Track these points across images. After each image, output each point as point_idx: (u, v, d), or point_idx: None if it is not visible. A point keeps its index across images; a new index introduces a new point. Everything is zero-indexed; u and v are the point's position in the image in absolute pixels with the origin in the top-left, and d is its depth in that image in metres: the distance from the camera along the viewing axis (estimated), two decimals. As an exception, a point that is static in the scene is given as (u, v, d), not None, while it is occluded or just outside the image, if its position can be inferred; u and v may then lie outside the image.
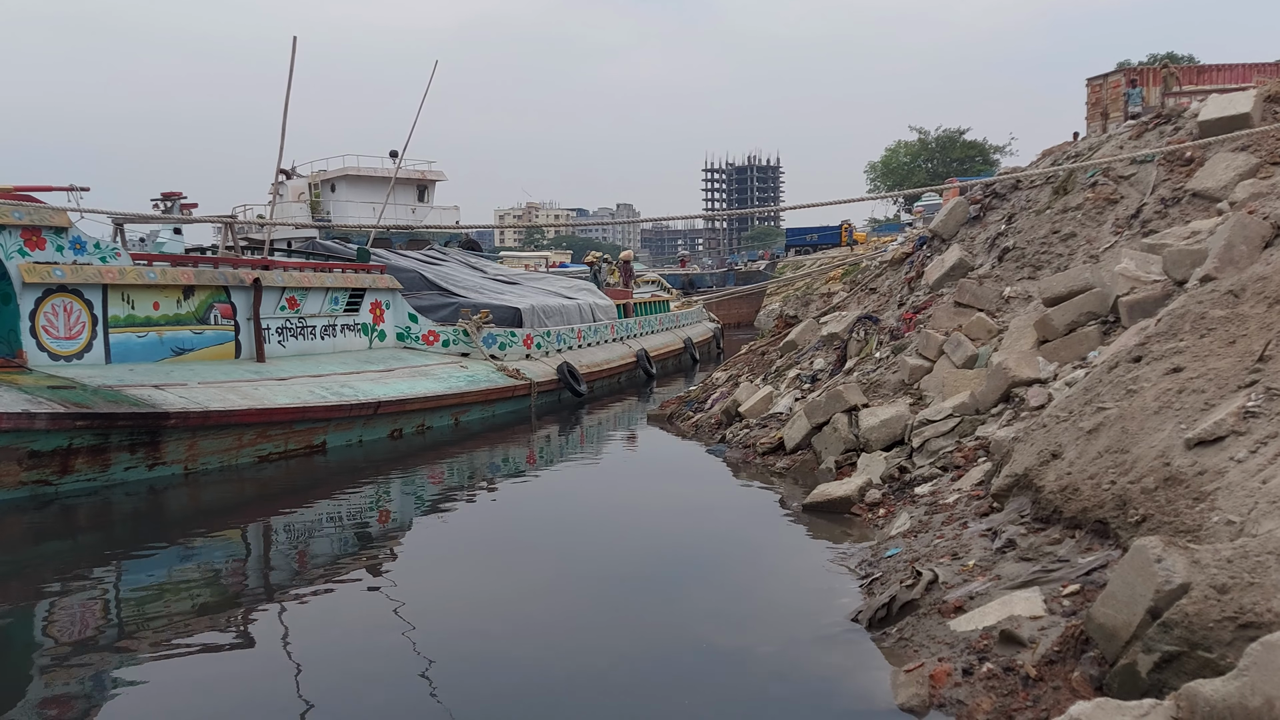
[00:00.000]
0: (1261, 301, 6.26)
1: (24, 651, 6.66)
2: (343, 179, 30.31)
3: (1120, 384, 6.62)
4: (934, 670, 5.02)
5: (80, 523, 10.39)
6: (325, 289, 16.17)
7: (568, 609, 7.15)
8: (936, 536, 7.08)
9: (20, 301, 11.88)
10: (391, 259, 20.34)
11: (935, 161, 74.05)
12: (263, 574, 8.67)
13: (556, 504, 11.27)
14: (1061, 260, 11.58)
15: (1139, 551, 4.20)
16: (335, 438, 14.00)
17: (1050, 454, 6.48)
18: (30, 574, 8.58)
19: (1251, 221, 8.18)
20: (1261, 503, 4.53)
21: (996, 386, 9.25)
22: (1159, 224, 10.81)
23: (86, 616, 7.40)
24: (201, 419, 11.94)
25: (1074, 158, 13.91)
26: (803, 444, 11.31)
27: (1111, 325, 8.99)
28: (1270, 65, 27.08)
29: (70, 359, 12.36)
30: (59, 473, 10.99)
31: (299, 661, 6.30)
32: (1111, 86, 28.29)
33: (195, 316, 13.96)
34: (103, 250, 12.91)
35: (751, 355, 18.57)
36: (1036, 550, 5.86)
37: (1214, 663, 3.72)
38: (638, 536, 9.18)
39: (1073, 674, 4.52)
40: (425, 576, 8.31)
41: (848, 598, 6.65)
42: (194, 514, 10.97)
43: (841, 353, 13.55)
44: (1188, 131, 12.28)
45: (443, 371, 16.73)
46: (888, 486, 9.13)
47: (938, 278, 13.09)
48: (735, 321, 41.06)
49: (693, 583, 7.60)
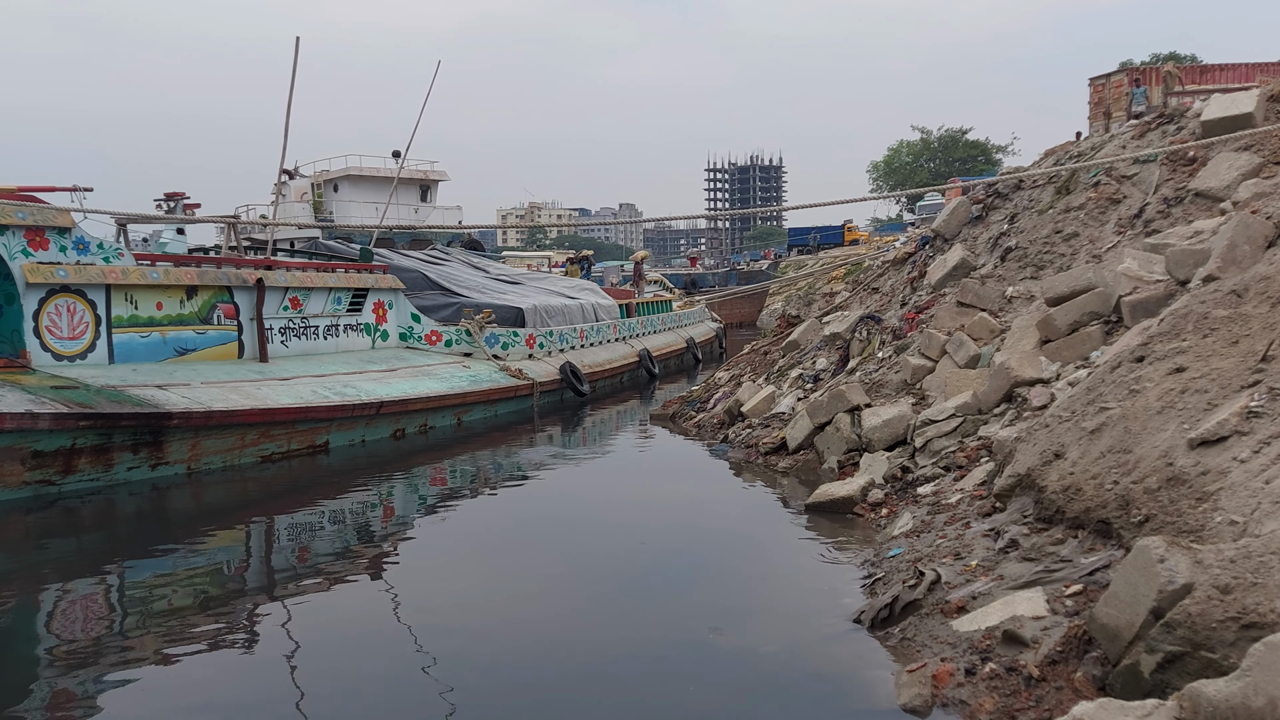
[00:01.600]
0: (1265, 301, 6.25)
1: (27, 650, 6.68)
2: (345, 179, 30.30)
3: (1123, 384, 6.61)
4: (937, 670, 5.02)
5: (83, 522, 10.40)
6: (328, 289, 16.19)
7: (570, 608, 7.16)
8: (939, 536, 7.08)
9: (24, 302, 11.90)
10: (394, 259, 20.36)
11: (938, 161, 74.01)
12: (265, 574, 8.68)
13: (559, 503, 11.27)
14: (1064, 260, 11.56)
15: (1142, 552, 4.19)
16: (338, 437, 14.01)
17: (1053, 454, 6.47)
18: (33, 573, 8.60)
19: (1254, 221, 8.17)
20: (1265, 503, 4.52)
21: (999, 386, 9.25)
22: (1162, 224, 10.79)
23: (89, 616, 7.42)
24: (204, 419, 11.96)
25: (1076, 157, 13.89)
26: (805, 444, 11.31)
27: (1114, 325, 8.98)
28: (1273, 65, 27.02)
29: (74, 359, 12.38)
30: (62, 472, 11.01)
31: (302, 660, 6.30)
32: (1114, 86, 28.22)
33: (198, 317, 13.98)
34: (106, 250, 12.94)
35: (754, 355, 18.56)
36: (1039, 550, 5.86)
37: (1217, 663, 3.72)
38: (640, 536, 9.18)
39: (1075, 674, 4.51)
40: (428, 576, 8.32)
41: (850, 598, 6.65)
42: (197, 514, 10.99)
43: (844, 352, 13.54)
44: (1190, 131, 12.26)
45: (445, 371, 16.74)
46: (890, 486, 9.13)
47: (940, 277, 13.08)
48: (738, 321, 41.06)
49: (695, 582, 7.61)
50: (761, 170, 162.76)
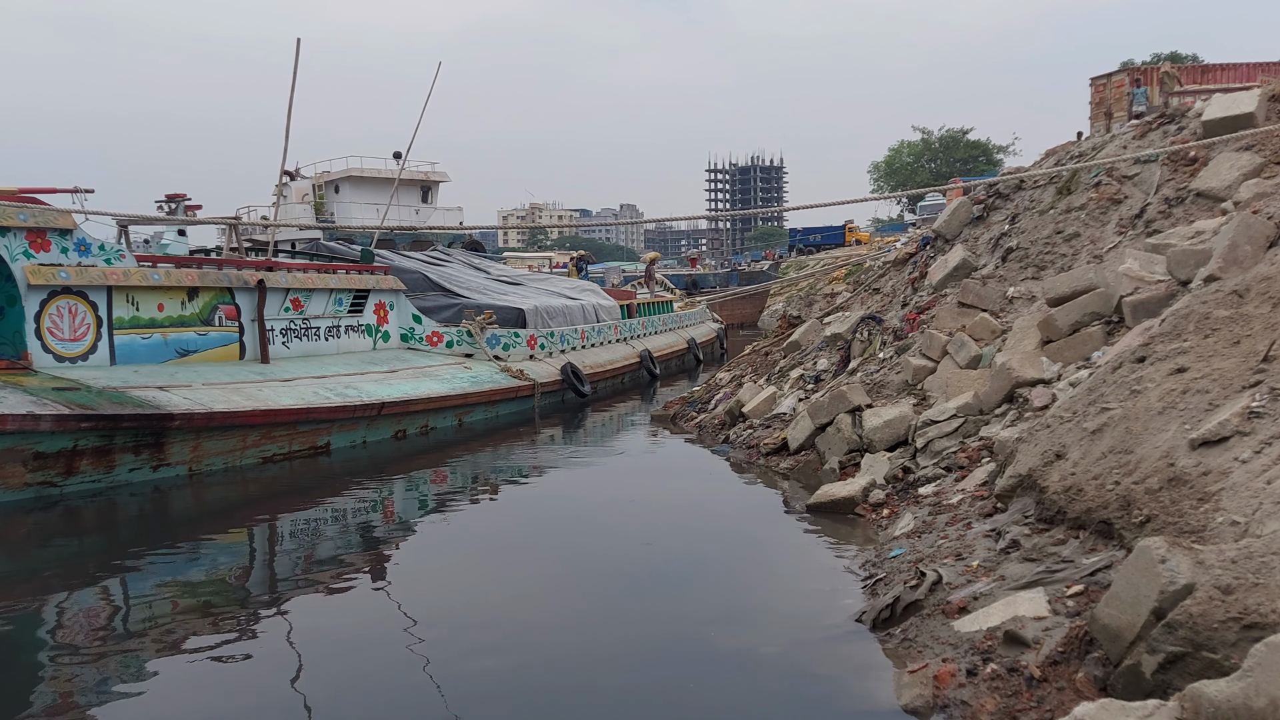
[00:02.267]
0: (1266, 301, 6.25)
1: (30, 653, 6.68)
2: (346, 180, 30.34)
3: (1124, 384, 6.60)
4: (938, 671, 5.02)
5: (85, 524, 10.41)
6: (329, 290, 16.20)
7: (571, 610, 7.16)
8: (940, 537, 7.08)
9: (25, 303, 11.91)
10: (395, 260, 20.37)
11: (939, 161, 74.03)
12: (267, 576, 8.69)
13: (560, 504, 11.28)
14: (1065, 260, 11.56)
15: (1143, 552, 4.19)
16: (339, 439, 14.02)
17: (1054, 454, 6.47)
18: (35, 575, 8.60)
19: (1256, 221, 8.16)
20: (1266, 503, 4.52)
21: (1000, 387, 9.25)
22: (1163, 224, 10.79)
23: (91, 618, 7.43)
24: (206, 420, 11.96)
25: (1077, 157, 13.88)
26: (806, 444, 11.31)
27: (1115, 325, 8.98)
28: (1274, 64, 27.02)
29: (75, 360, 12.39)
30: (64, 474, 11.02)
31: (304, 663, 6.31)
32: (1115, 86, 28.22)
33: (200, 318, 13.99)
34: (107, 252, 12.95)
35: (755, 355, 18.56)
36: (1040, 551, 5.85)
37: (1218, 664, 3.72)
38: (641, 537, 9.18)
39: (1077, 675, 4.51)
40: (428, 578, 8.32)
41: (851, 598, 6.65)
42: (198, 515, 11.00)
43: (845, 353, 13.54)
44: (1191, 131, 12.25)
45: (446, 372, 16.75)
46: (891, 487, 9.13)
47: (941, 278, 13.07)
48: (739, 322, 41.08)
49: (696, 583, 7.61)
50: (762, 170, 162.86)
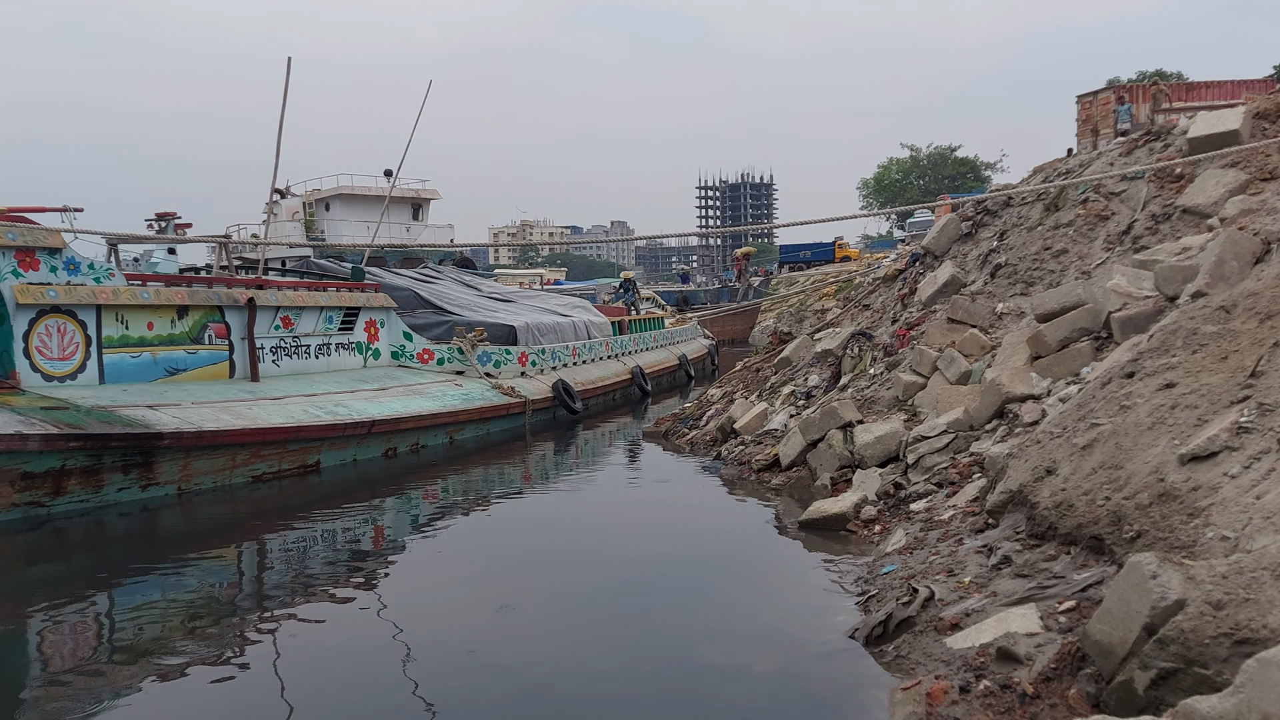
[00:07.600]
0: (1253, 317, 6.30)
1: (16, 673, 6.61)
2: (337, 198, 30.32)
3: (1113, 400, 6.63)
4: (931, 688, 5.01)
5: (73, 544, 10.33)
6: (320, 308, 16.17)
7: (562, 627, 7.12)
8: (932, 553, 7.08)
9: (14, 322, 11.85)
10: (386, 277, 20.35)
11: (927, 178, 74.49)
12: (256, 596, 8.62)
13: (552, 522, 11.24)
14: (1054, 276, 11.63)
15: (1134, 568, 4.20)
16: (329, 457, 13.96)
17: (1044, 470, 6.49)
18: (23, 595, 8.51)
19: (1242, 237, 8.24)
20: (1256, 518, 4.54)
21: (990, 402, 9.28)
22: (1150, 240, 10.87)
23: (79, 637, 7.36)
24: (195, 439, 11.90)
25: (1065, 174, 14.00)
26: (798, 460, 11.31)
27: (1104, 341, 9.02)
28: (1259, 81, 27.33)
29: (64, 379, 12.32)
30: (52, 494, 10.94)
31: (292, 681, 6.25)
32: (1101, 103, 28.45)
33: (189, 336, 13.94)
34: (97, 271, 12.91)
35: (746, 372, 18.58)
36: (1032, 567, 5.86)
37: (1210, 679, 3.72)
38: (633, 554, 9.15)
39: (1069, 691, 4.51)
40: (420, 597, 8.28)
41: (844, 615, 6.63)
42: (188, 534, 10.92)
43: (836, 369, 13.57)
44: (1177, 148, 12.37)
45: (437, 390, 16.71)
46: (883, 503, 9.13)
47: (931, 294, 13.13)
48: (730, 338, 41.14)
49: (689, 600, 7.59)
50: (752, 188, 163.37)
